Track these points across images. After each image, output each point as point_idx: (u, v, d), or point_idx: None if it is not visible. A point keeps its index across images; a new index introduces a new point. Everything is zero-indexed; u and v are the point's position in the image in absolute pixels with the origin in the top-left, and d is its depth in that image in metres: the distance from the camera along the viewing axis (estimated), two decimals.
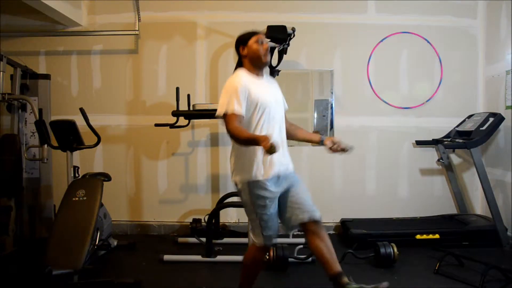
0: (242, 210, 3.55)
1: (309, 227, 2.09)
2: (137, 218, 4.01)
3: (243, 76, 2.10)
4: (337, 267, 2.04)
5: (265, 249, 2.19)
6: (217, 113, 2.04)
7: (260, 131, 2.05)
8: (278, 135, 2.12)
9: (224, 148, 3.96)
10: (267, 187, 2.04)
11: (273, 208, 2.09)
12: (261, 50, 2.12)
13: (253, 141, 1.88)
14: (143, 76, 3.99)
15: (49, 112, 3.66)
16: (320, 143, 2.22)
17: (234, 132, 1.95)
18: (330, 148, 2.16)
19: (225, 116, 2.01)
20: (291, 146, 2.27)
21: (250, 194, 2.06)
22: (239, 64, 2.21)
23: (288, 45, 3.45)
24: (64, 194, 2.88)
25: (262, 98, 2.06)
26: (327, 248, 2.07)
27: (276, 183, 2.08)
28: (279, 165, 2.09)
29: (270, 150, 1.73)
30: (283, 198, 2.14)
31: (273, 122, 2.10)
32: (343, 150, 2.16)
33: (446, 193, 4.00)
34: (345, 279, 2.00)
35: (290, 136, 2.33)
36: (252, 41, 2.13)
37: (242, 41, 2.17)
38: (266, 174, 2.04)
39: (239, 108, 1.99)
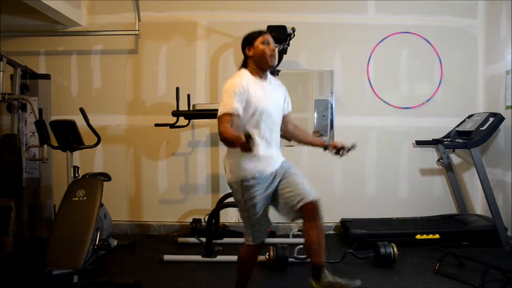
0: None
1: (305, 212, 2.02)
2: (137, 218, 4.01)
3: (244, 76, 2.09)
4: (320, 260, 2.03)
5: (255, 247, 2.18)
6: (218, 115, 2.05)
7: (257, 133, 2.04)
8: (270, 137, 2.11)
9: (224, 148, 3.93)
10: (258, 187, 2.04)
11: (262, 209, 2.09)
12: (267, 51, 2.09)
13: (231, 142, 1.88)
14: (143, 76, 3.99)
15: (49, 112, 3.66)
16: (324, 148, 2.28)
17: (221, 133, 1.96)
18: (336, 153, 2.23)
19: (218, 117, 2.01)
20: (291, 146, 2.26)
21: (242, 193, 2.06)
22: (244, 65, 2.18)
23: (288, 45, 3.46)
24: (64, 194, 2.88)
25: (260, 101, 2.05)
26: (317, 239, 2.03)
27: (269, 182, 2.08)
28: (271, 165, 2.10)
29: (246, 149, 1.75)
30: (277, 191, 2.11)
31: (269, 124, 2.09)
32: (348, 150, 2.22)
33: (446, 193, 4.00)
34: (324, 274, 2.01)
35: (294, 138, 2.36)
36: (258, 42, 2.10)
37: (248, 41, 2.14)
38: (257, 173, 2.04)
39: (234, 107, 1.98)
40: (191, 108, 3.50)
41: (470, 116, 3.83)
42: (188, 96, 3.53)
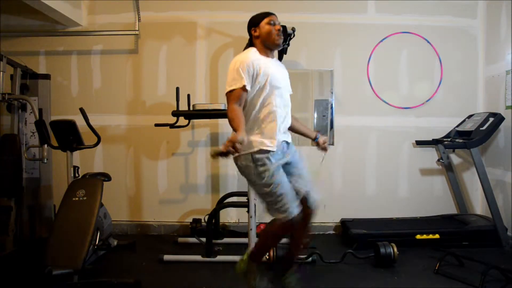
0: (242, 210, 3.58)
1: (303, 212, 2.14)
2: (137, 218, 4.01)
3: (251, 53, 2.11)
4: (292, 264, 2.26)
5: (290, 223, 2.06)
6: (225, 91, 2.06)
7: (269, 108, 2.06)
8: (286, 115, 2.14)
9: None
10: (270, 156, 2.05)
11: (282, 176, 2.07)
12: (273, 31, 2.14)
13: (234, 129, 1.94)
14: (143, 76, 3.99)
15: (49, 112, 3.66)
16: (315, 139, 2.36)
17: (229, 114, 1.98)
18: (320, 146, 2.36)
19: (227, 95, 2.03)
20: None
21: (256, 167, 2.02)
22: (250, 46, 2.22)
23: (288, 45, 3.45)
24: (64, 194, 2.88)
25: (273, 76, 2.07)
26: (299, 245, 2.30)
27: (280, 154, 2.11)
28: (282, 137, 2.13)
29: (228, 151, 1.74)
30: (286, 169, 2.16)
31: (282, 100, 2.12)
32: (326, 150, 2.38)
33: (446, 193, 4.00)
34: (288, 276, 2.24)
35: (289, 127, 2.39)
36: (264, 22, 2.16)
37: (254, 22, 2.19)
38: (267, 146, 2.05)
39: (241, 83, 1.99)
40: (191, 108, 3.49)
41: (470, 116, 3.83)
42: (188, 96, 3.53)
